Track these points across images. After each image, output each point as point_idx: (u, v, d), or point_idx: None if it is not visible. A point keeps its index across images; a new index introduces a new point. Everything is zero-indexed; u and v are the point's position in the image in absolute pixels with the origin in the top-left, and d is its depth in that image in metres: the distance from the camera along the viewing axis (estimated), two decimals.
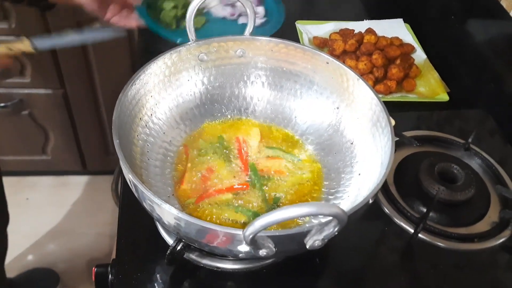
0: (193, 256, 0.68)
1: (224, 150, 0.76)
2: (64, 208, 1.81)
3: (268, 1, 1.21)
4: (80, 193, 1.85)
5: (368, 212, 0.59)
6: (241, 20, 1.18)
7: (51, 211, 1.79)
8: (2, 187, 1.13)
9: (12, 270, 1.56)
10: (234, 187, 0.71)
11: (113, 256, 0.88)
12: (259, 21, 1.18)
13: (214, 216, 0.67)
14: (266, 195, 0.70)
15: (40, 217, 1.77)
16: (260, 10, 1.20)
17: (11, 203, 1.50)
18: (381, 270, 0.72)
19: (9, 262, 1.61)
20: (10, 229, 1.41)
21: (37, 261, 1.64)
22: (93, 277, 0.72)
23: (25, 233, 1.71)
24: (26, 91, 1.50)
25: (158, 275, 0.68)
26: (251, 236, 0.49)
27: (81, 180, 1.87)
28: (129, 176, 0.57)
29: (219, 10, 1.19)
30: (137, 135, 0.70)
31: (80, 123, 1.64)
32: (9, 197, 1.27)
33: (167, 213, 0.54)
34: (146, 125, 0.72)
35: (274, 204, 0.70)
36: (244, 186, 0.71)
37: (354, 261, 0.74)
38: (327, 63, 0.75)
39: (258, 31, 1.07)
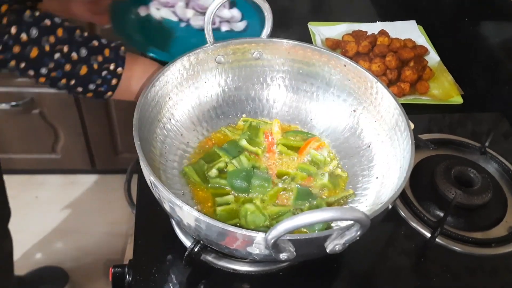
0: (209, 258, 0.68)
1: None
2: (73, 206, 1.81)
3: (239, 2, 1.11)
4: (89, 192, 1.85)
5: (385, 216, 0.58)
6: (224, 27, 1.08)
7: (60, 210, 1.80)
8: (2, 183, 1.13)
9: (21, 268, 1.56)
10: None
11: (125, 255, 0.88)
12: (238, 25, 1.09)
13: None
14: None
15: (49, 215, 1.77)
16: (235, 13, 1.09)
17: (20, 201, 1.51)
18: (397, 274, 0.72)
19: (17, 259, 1.61)
20: (19, 227, 1.41)
21: (46, 259, 1.65)
22: (110, 278, 0.72)
23: (34, 231, 1.72)
24: (37, 90, 1.51)
25: (174, 276, 0.68)
26: (273, 240, 0.49)
27: (90, 179, 1.88)
28: (150, 178, 0.57)
29: (197, 21, 1.07)
30: (156, 137, 0.70)
31: (89, 122, 1.64)
32: (18, 195, 1.28)
33: (187, 215, 0.54)
34: (164, 127, 0.72)
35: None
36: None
37: (370, 264, 0.74)
38: (345, 65, 0.75)
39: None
